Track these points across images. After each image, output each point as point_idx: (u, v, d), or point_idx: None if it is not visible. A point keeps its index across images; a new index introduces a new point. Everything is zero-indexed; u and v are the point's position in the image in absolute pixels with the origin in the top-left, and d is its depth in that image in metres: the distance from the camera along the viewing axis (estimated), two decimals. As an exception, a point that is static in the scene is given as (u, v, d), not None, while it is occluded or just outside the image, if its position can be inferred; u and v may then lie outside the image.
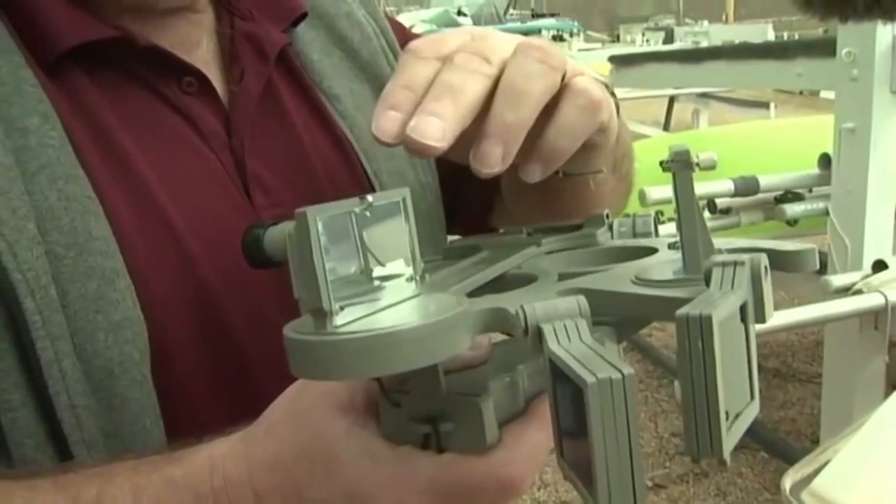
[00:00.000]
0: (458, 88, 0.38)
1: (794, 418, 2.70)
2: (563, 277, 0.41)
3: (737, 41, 6.04)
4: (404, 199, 0.37)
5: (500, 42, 0.41)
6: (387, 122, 0.38)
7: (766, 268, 0.35)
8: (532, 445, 0.38)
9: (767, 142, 2.54)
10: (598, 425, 0.28)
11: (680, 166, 0.37)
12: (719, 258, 0.34)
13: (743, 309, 0.32)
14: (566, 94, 0.42)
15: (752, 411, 0.33)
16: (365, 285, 0.35)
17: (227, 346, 0.53)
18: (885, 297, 1.65)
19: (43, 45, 0.52)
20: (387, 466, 0.38)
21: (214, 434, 0.43)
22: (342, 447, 0.39)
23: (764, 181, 1.97)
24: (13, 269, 0.45)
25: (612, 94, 0.49)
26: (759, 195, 1.99)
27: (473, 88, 0.38)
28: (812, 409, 2.67)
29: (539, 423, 0.38)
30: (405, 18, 11.92)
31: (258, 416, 0.42)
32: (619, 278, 0.38)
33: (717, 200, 1.99)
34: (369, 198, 0.35)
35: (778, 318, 2.12)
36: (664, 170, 0.38)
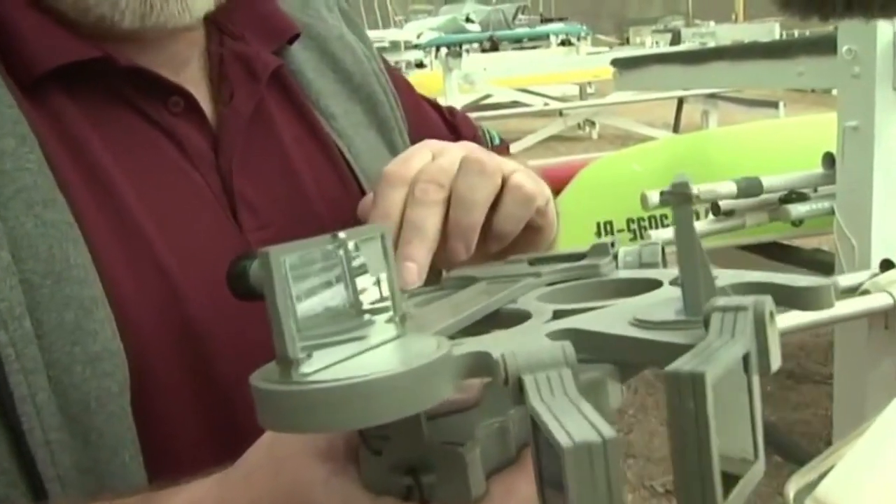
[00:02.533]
0: (421, 227, 0.47)
1: (809, 420, 2.66)
2: (557, 315, 0.38)
3: (745, 41, 6.00)
4: (383, 236, 0.35)
5: (452, 159, 0.50)
6: None
7: (771, 313, 0.31)
8: (522, 498, 0.36)
9: (772, 141, 2.52)
10: (576, 491, 0.26)
11: (679, 199, 0.34)
12: (720, 301, 0.31)
13: (745, 359, 0.30)
14: (506, 190, 0.51)
15: (758, 472, 0.30)
16: (342, 327, 0.33)
17: (212, 378, 0.51)
18: (894, 296, 1.62)
19: (23, 66, 0.51)
20: None
21: (197, 472, 0.42)
22: (321, 496, 0.37)
23: (767, 181, 1.94)
24: None
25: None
26: (764, 196, 1.97)
27: (433, 223, 0.48)
28: (826, 410, 2.63)
29: (531, 473, 0.36)
30: (414, 26, 11.93)
31: (244, 452, 0.41)
32: (616, 317, 0.35)
33: (721, 203, 1.97)
34: (342, 234, 0.33)
35: (785, 320, 2.10)
36: (662, 203, 0.35)
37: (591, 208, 2.32)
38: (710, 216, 1.98)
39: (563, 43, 10.33)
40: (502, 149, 0.85)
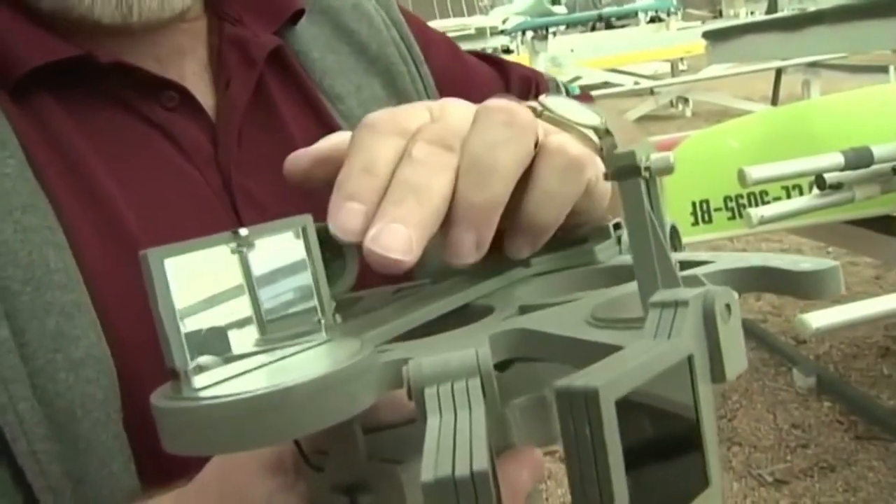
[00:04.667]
0: (421, 187, 0.32)
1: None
2: (523, 310, 0.34)
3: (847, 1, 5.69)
4: (304, 229, 0.31)
5: (461, 118, 0.36)
6: (347, 218, 0.32)
7: (728, 306, 0.26)
8: None
9: (882, 108, 2.36)
10: None
11: (625, 172, 0.29)
12: (657, 296, 0.26)
13: (689, 363, 0.24)
14: (541, 156, 0.36)
15: (709, 499, 0.24)
16: (252, 335, 0.29)
17: None
18: None
19: (4, 68, 0.50)
20: None
21: (181, 483, 0.40)
22: None
23: (878, 151, 1.82)
24: None
25: (601, 153, 0.43)
26: (874, 167, 1.85)
27: (439, 185, 0.33)
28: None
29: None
30: (498, 12, 11.86)
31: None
32: (576, 314, 0.31)
33: (827, 176, 1.85)
34: (243, 231, 0.29)
35: (894, 301, 1.97)
36: (606, 178, 0.30)
37: (685, 188, 2.23)
38: (815, 190, 1.87)
39: (652, 20, 10.07)
40: (583, 97, 0.73)
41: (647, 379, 0.23)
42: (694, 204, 2.20)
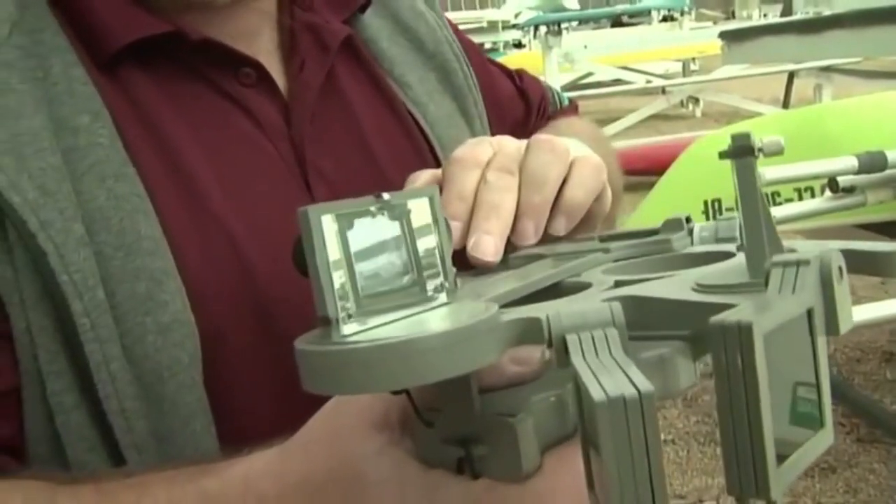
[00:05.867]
0: (498, 207, 0.45)
1: (934, 410, 2.51)
2: (619, 284, 0.37)
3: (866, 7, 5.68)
4: (432, 198, 0.34)
5: (515, 148, 0.48)
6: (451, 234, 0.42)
7: (840, 268, 0.29)
8: (577, 473, 0.34)
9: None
10: (610, 448, 0.24)
11: (740, 152, 0.33)
12: (781, 257, 0.29)
13: (809, 317, 0.27)
14: (575, 163, 0.49)
15: (823, 441, 0.28)
16: (389, 292, 0.32)
17: (283, 349, 0.51)
18: None
19: (97, 43, 0.52)
20: (415, 491, 0.36)
21: (267, 440, 0.42)
22: (372, 467, 0.37)
23: (892, 156, 1.83)
24: (60, 272, 0.45)
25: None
26: (888, 171, 1.85)
27: (509, 204, 0.46)
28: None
29: None
30: (510, 5, 11.82)
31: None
32: (679, 285, 0.34)
33: (840, 179, 1.86)
34: (386, 195, 0.33)
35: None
36: (721, 157, 0.33)
37: (698, 187, 2.24)
38: (828, 193, 1.88)
39: (665, 19, 10.04)
40: (570, 109, 0.83)
41: (784, 321, 0.26)
42: (706, 203, 2.21)
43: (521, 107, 0.76)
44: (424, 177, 0.49)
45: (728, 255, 0.39)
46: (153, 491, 0.42)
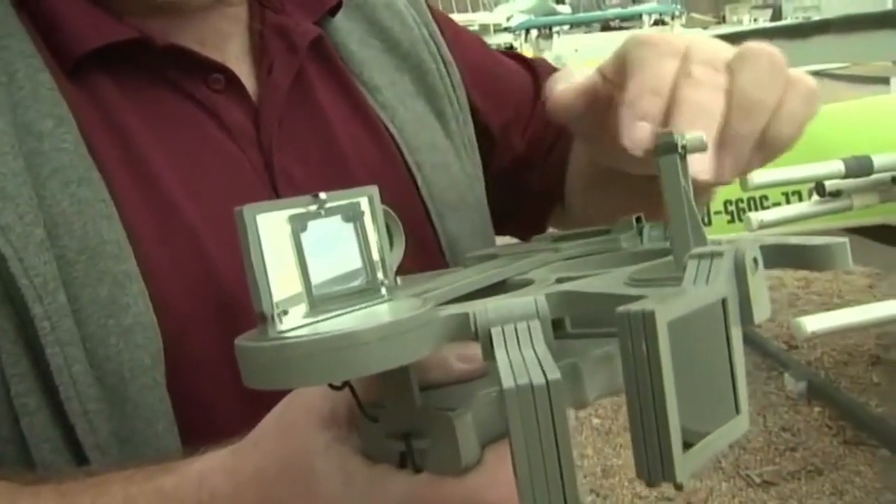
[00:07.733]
0: (709, 112, 0.38)
1: (919, 413, 2.53)
2: (560, 281, 0.37)
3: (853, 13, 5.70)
4: (371, 198, 0.35)
5: (718, 46, 0.41)
6: (640, 134, 0.38)
7: (755, 260, 0.30)
8: None
9: (884, 119, 2.38)
10: (518, 435, 0.25)
11: (664, 149, 0.34)
12: (697, 250, 0.30)
13: (723, 307, 0.28)
14: (789, 88, 0.41)
15: (737, 428, 0.29)
16: (327, 290, 0.33)
17: None
18: None
19: (63, 48, 0.52)
20: (360, 485, 0.37)
21: (229, 441, 0.42)
22: (320, 463, 0.38)
23: (879, 160, 1.84)
24: (20, 276, 0.45)
25: None
26: (874, 176, 1.87)
27: (719, 107, 0.39)
28: (939, 403, 2.50)
29: None
30: (502, 9, 11.85)
31: None
32: (614, 280, 0.34)
33: (827, 183, 1.87)
34: (322, 195, 0.33)
35: (886, 308, 1.99)
36: (650, 155, 0.35)
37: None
38: (815, 197, 1.89)
39: (656, 23, 10.08)
40: None
41: (692, 311, 0.27)
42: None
43: (530, 81, 0.73)
44: (585, 73, 0.44)
45: (670, 252, 0.40)
46: (111, 489, 0.43)
